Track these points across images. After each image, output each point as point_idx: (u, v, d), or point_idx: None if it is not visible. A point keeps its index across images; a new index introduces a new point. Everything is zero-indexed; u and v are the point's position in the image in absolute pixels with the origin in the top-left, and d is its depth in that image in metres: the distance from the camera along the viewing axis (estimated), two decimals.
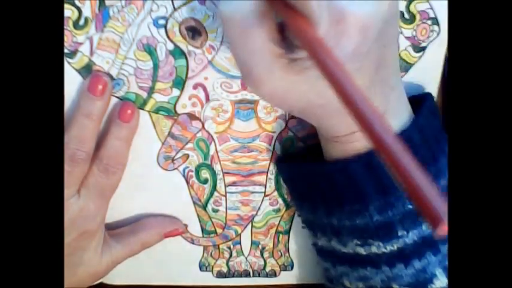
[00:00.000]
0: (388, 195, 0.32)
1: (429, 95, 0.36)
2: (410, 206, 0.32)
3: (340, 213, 0.33)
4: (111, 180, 0.38)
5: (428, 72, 0.37)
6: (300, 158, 0.38)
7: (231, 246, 0.44)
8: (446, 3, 0.34)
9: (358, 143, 0.31)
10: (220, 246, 0.43)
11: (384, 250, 0.33)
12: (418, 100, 0.34)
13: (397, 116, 0.32)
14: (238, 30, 0.27)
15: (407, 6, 0.35)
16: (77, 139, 0.36)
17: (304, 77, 0.28)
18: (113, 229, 0.42)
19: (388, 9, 0.27)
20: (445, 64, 0.36)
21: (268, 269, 0.44)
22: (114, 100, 0.37)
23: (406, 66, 0.37)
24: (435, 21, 0.35)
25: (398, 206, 0.32)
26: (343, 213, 0.33)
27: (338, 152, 0.33)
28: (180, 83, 0.37)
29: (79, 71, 0.36)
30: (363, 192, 0.32)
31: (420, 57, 0.36)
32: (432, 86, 0.37)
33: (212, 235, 0.43)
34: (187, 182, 0.41)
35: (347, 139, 0.32)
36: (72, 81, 0.37)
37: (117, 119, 0.37)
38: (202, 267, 0.44)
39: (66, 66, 0.36)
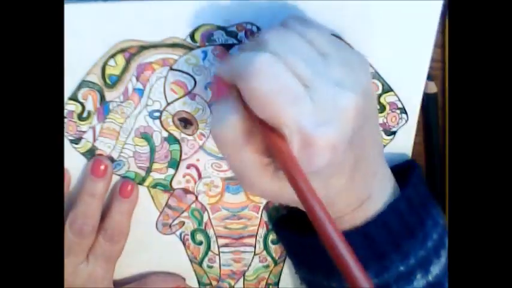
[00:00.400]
0: (384, 260, 0.35)
1: (414, 163, 0.39)
2: (402, 268, 0.35)
3: (339, 277, 0.36)
4: (116, 247, 0.42)
5: (399, 152, 0.40)
6: (296, 220, 0.40)
7: None
8: (413, 96, 0.38)
9: (347, 223, 0.35)
10: None
11: None
12: (404, 169, 0.38)
13: (381, 195, 0.35)
14: (229, 147, 0.31)
15: (378, 99, 0.38)
16: (83, 215, 0.40)
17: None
18: (121, 285, 0.46)
19: (354, 121, 0.30)
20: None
21: None
22: (115, 178, 0.42)
23: None
24: (403, 110, 0.39)
25: (392, 268, 0.35)
26: (342, 278, 0.37)
27: None
28: (174, 164, 0.41)
29: (83, 154, 0.40)
30: (360, 260, 0.35)
31: (392, 139, 0.40)
32: None
33: (208, 287, 0.47)
34: (184, 244, 0.45)
35: (339, 222, 0.35)
36: (77, 163, 0.41)
37: (118, 195, 0.41)
38: None
39: (71, 150, 0.40)
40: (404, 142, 0.40)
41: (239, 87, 0.29)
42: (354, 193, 0.34)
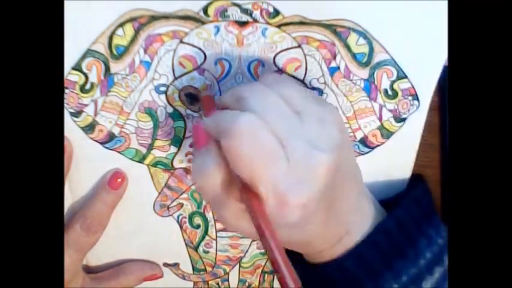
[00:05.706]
0: (377, 278, 0.36)
1: (418, 181, 0.40)
2: (395, 285, 0.36)
3: None
4: (91, 238, 0.41)
5: (408, 139, 0.40)
6: None
7: (220, 283, 0.47)
8: (427, 82, 0.38)
9: (328, 256, 0.36)
10: (210, 282, 0.47)
11: None
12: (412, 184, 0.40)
13: (361, 229, 0.36)
14: (210, 197, 0.33)
15: (391, 86, 0.38)
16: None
17: None
18: (96, 272, 0.44)
19: (326, 179, 0.31)
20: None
21: None
22: (108, 166, 0.40)
23: (388, 134, 0.40)
24: (415, 97, 0.38)
25: (386, 286, 0.36)
26: None
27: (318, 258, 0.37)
28: (177, 142, 0.40)
29: (83, 129, 0.39)
30: (356, 279, 0.36)
31: (401, 126, 0.39)
32: (410, 151, 0.40)
33: (202, 272, 0.46)
34: (181, 227, 0.43)
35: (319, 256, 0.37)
36: (76, 138, 0.39)
37: (106, 185, 0.40)
38: None
39: (71, 124, 0.39)
40: (414, 129, 0.39)
41: (221, 143, 0.31)
42: (330, 233, 0.35)
